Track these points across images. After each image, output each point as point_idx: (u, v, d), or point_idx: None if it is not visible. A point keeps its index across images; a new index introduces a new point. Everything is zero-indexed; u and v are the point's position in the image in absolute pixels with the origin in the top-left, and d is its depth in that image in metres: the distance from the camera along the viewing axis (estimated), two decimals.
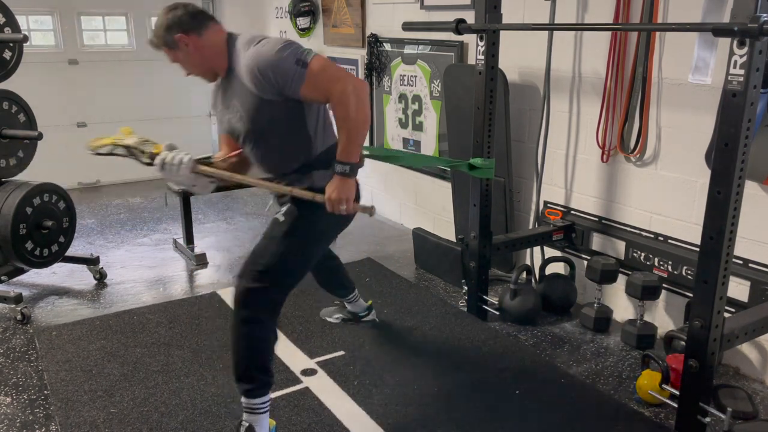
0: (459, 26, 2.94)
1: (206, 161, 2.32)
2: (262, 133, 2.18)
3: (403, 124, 4.62)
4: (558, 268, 3.56)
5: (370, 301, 3.25)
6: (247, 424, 2.20)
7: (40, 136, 3.44)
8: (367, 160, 2.44)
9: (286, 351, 2.98)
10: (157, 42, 2.16)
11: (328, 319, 3.24)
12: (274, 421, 2.35)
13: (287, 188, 2.20)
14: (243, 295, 2.13)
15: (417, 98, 4.44)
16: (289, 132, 2.16)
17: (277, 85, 2.02)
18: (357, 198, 2.17)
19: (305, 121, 2.16)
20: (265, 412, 2.22)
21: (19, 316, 3.27)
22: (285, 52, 2.00)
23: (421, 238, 3.99)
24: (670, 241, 3.03)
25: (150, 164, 2.19)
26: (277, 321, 2.23)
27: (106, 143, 2.26)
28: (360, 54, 4.96)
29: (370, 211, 2.17)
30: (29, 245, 3.42)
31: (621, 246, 3.22)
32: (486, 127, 3.03)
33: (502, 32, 3.01)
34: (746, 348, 2.81)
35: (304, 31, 5.55)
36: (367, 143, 3.55)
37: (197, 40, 2.11)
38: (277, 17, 6.14)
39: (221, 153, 2.41)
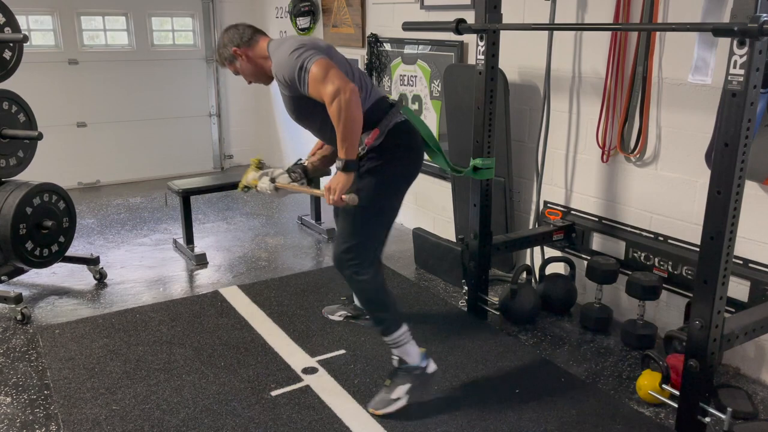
0: (459, 26, 2.94)
1: (297, 165, 2.79)
2: (306, 118, 2.53)
3: None
4: (558, 268, 3.56)
5: None
6: (397, 357, 2.51)
7: (40, 136, 3.44)
8: None
9: (287, 349, 2.99)
10: (219, 59, 2.59)
11: (331, 317, 3.24)
12: (423, 348, 2.56)
13: (310, 189, 2.77)
14: (339, 259, 2.44)
15: (417, 98, 4.45)
16: (325, 113, 2.33)
17: (293, 86, 2.34)
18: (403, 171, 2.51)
19: None
20: (407, 342, 2.49)
21: (19, 316, 3.28)
22: (293, 59, 2.29)
23: (421, 238, 3.99)
24: (670, 241, 3.03)
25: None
26: (377, 267, 2.52)
27: (240, 187, 2.82)
28: (360, 54, 4.96)
29: (352, 200, 2.34)
30: (29, 245, 3.42)
31: (621, 246, 3.23)
32: (486, 127, 3.03)
33: (502, 32, 3.02)
34: (746, 348, 2.82)
35: (304, 31, 5.55)
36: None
37: (248, 52, 2.50)
38: (277, 17, 6.14)
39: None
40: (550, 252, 3.60)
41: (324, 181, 2.87)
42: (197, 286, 3.81)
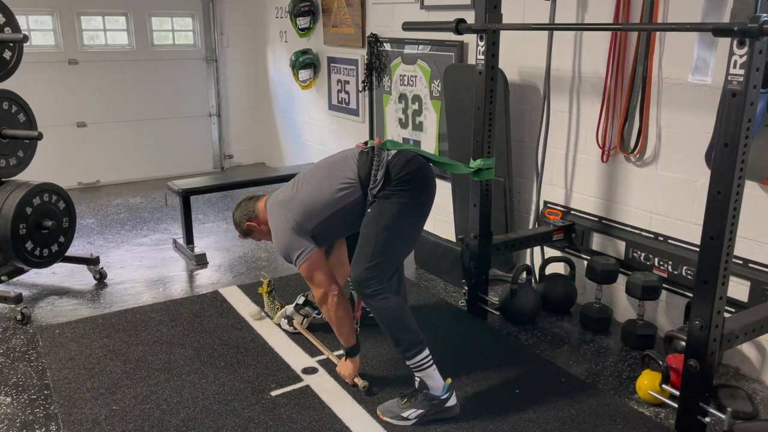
0: (459, 26, 2.94)
1: (305, 303, 3.16)
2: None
3: (403, 124, 4.62)
4: (558, 268, 3.56)
5: None
6: (418, 380, 2.49)
7: (40, 136, 3.44)
8: None
9: (287, 349, 2.99)
10: (241, 234, 2.90)
11: None
12: (449, 380, 2.51)
13: (325, 349, 2.98)
14: (359, 279, 2.46)
15: (417, 98, 4.45)
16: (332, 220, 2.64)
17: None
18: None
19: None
20: (430, 365, 2.46)
21: (19, 316, 3.28)
22: (285, 246, 2.58)
23: (421, 238, 3.98)
24: (670, 241, 3.03)
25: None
26: (398, 288, 2.58)
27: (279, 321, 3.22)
28: (360, 54, 4.96)
29: (362, 386, 2.64)
30: (29, 245, 3.42)
31: (621, 246, 3.23)
32: (486, 127, 3.03)
33: (502, 32, 3.02)
34: (746, 348, 2.82)
35: (304, 31, 5.55)
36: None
37: (258, 222, 2.79)
38: (277, 17, 6.14)
39: None
40: (550, 252, 3.60)
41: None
42: (197, 286, 3.81)
